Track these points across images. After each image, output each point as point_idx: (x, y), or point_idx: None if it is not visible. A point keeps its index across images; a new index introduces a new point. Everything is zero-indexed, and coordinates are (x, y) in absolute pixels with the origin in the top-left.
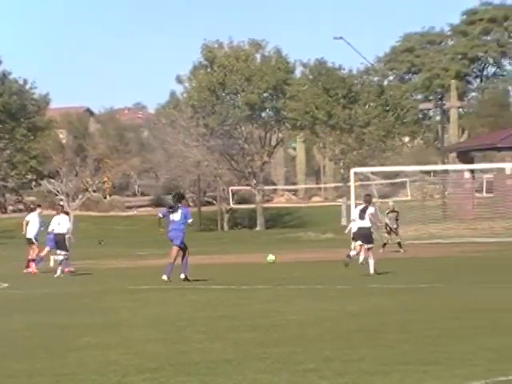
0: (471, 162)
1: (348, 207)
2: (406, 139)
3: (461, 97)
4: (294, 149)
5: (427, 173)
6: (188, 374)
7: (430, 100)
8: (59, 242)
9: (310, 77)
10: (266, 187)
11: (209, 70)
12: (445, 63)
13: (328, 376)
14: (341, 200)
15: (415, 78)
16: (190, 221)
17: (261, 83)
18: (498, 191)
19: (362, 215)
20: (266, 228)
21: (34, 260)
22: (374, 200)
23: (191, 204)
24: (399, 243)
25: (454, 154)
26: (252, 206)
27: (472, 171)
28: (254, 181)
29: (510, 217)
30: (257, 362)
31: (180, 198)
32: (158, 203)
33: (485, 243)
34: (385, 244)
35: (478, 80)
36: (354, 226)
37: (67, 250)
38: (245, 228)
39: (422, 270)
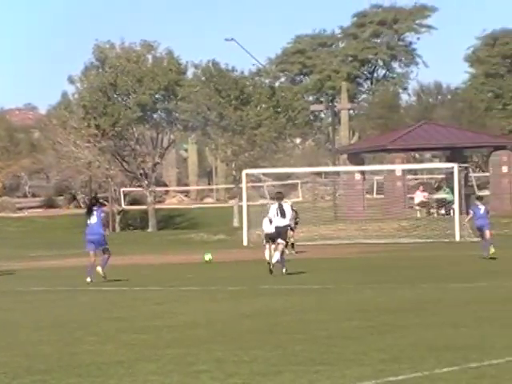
0: (362, 163)
1: (240, 208)
2: (298, 141)
3: (351, 99)
4: (186, 150)
5: (318, 174)
6: (79, 375)
7: (321, 102)
8: None
9: (202, 78)
10: (158, 188)
11: (100, 70)
12: (336, 65)
13: (220, 377)
14: (232, 201)
15: (306, 79)
16: (102, 215)
17: (152, 84)
18: (388, 192)
19: (281, 213)
20: (158, 229)
21: None
22: (265, 202)
23: (82, 205)
24: (292, 244)
25: (344, 156)
26: (144, 207)
27: (363, 173)
28: (146, 182)
29: (400, 218)
30: (148, 364)
31: (96, 201)
32: (49, 204)
33: (375, 244)
34: (289, 243)
35: (369, 82)
36: (268, 226)
37: None
38: (136, 229)
39: (314, 271)
